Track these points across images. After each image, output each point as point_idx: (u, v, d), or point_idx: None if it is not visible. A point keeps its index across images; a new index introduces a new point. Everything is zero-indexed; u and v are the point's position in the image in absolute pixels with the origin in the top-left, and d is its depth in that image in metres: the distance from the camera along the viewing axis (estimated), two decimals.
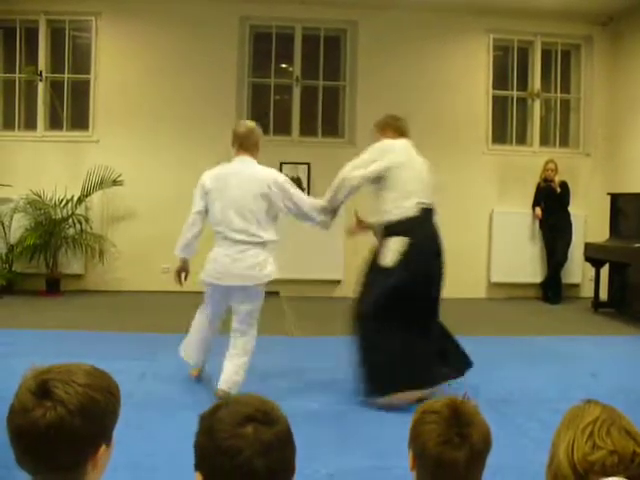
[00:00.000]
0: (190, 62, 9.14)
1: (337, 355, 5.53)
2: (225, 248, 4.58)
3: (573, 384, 4.91)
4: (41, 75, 9.12)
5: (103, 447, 1.48)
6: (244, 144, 4.73)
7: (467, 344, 4.83)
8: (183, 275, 4.91)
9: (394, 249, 4.51)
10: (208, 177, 4.73)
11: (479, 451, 1.77)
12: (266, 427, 1.39)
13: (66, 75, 9.23)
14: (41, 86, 9.17)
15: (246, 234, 4.55)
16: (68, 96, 9.29)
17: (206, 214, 4.71)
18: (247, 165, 4.68)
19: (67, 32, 9.19)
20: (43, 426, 1.39)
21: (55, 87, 9.32)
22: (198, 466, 1.43)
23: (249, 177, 4.60)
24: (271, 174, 4.68)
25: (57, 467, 1.43)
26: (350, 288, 9.29)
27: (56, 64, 9.30)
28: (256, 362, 4.68)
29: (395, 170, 4.63)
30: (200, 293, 4.91)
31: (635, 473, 1.65)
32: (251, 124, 4.85)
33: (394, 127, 4.94)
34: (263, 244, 4.61)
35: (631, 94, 9.19)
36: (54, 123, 9.32)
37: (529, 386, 4.92)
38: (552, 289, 9.25)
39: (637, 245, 7.85)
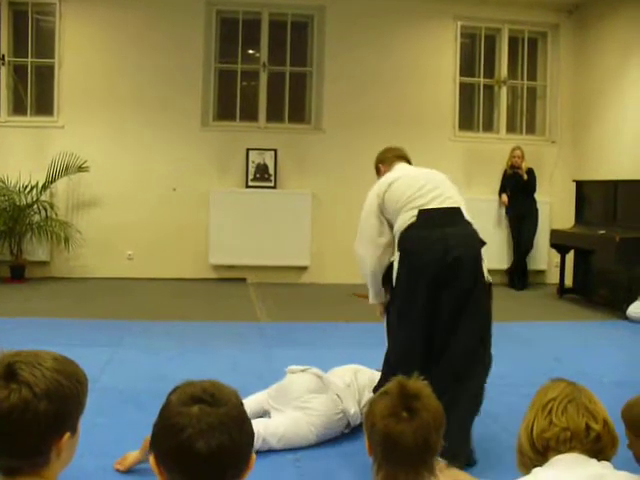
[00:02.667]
0: (156, 47, 9.03)
1: (306, 341, 5.54)
2: None
3: (538, 369, 4.95)
4: (3, 59, 8.96)
5: (67, 435, 1.46)
6: None
7: None
8: None
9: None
10: None
11: (427, 424, 1.76)
12: (212, 408, 1.39)
13: (29, 59, 9.06)
14: (3, 70, 9.00)
15: None
16: (32, 81, 9.14)
17: None
18: None
19: (30, 16, 9.01)
20: (6, 408, 1.37)
21: (18, 71, 9.15)
22: (151, 445, 1.44)
23: None
24: None
25: (19, 452, 1.41)
26: (316, 274, 9.40)
27: (19, 48, 9.12)
28: (227, 349, 4.66)
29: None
30: (166, 280, 4.86)
31: (592, 448, 1.69)
32: None
33: (380, 159, 3.95)
34: None
35: (596, 82, 9.26)
36: (18, 108, 9.16)
37: (495, 371, 4.91)
38: (518, 275, 9.32)
39: (602, 232, 7.94)
